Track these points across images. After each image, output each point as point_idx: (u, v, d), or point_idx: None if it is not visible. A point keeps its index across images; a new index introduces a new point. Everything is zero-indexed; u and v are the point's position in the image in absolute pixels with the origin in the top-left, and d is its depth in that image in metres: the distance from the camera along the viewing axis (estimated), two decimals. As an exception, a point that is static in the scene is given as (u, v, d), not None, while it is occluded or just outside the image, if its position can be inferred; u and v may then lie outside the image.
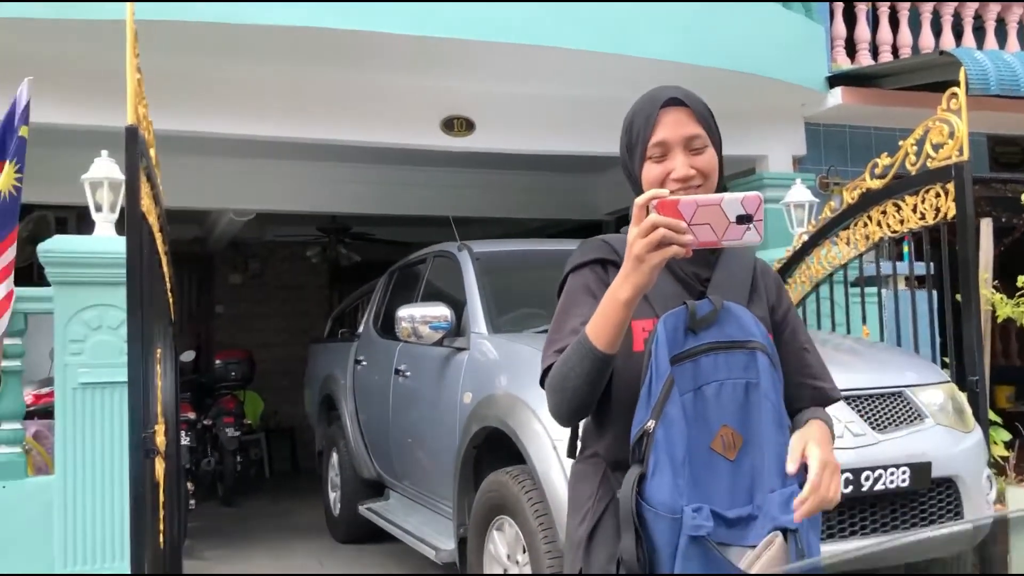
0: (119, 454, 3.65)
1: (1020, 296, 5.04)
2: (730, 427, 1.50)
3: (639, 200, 1.39)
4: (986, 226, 5.56)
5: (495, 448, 3.66)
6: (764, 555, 1.43)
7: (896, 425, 3.26)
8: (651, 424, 1.46)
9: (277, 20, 4.26)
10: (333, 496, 6.13)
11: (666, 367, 1.48)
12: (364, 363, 5.65)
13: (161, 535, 3.15)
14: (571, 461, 1.74)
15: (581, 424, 1.69)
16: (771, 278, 1.73)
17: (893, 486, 3.08)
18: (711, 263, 1.61)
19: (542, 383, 1.61)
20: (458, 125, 5.41)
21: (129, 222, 2.57)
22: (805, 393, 1.67)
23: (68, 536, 3.65)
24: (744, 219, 1.37)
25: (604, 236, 1.70)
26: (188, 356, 8.02)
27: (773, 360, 1.56)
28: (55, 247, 3.61)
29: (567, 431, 3.15)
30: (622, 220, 8.84)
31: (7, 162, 3.48)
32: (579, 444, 1.75)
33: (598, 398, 1.53)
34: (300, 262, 10.77)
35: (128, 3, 2.54)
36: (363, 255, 10.13)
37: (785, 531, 1.46)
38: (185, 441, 6.63)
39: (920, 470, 3.15)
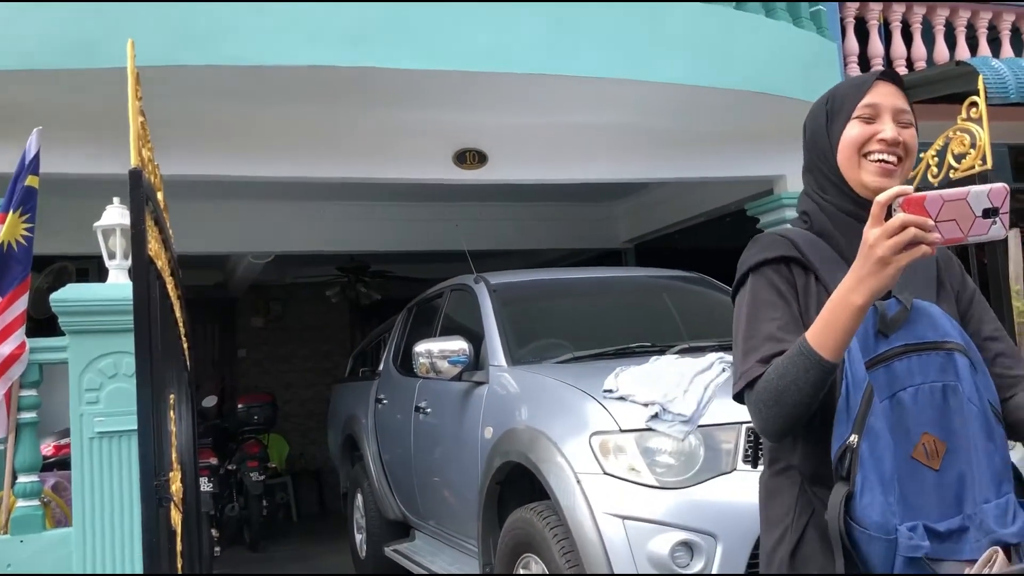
0: (137, 504, 3.59)
1: (1053, 307, 4.89)
2: (931, 434, 1.41)
3: (881, 197, 1.29)
4: (1015, 237, 5.42)
5: (519, 483, 3.57)
6: (984, 572, 1.35)
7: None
8: (854, 439, 1.37)
9: (284, 61, 4.25)
10: (359, 538, 6.04)
11: (863, 375, 1.39)
12: (385, 402, 5.59)
13: (180, 585, 3.08)
14: (596, 483, 1.64)
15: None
16: (954, 266, 1.65)
17: None
18: None
19: (739, 397, 1.51)
20: (470, 158, 5.37)
21: (135, 267, 2.53)
22: (1005, 384, 1.55)
23: (88, 589, 3.58)
24: (990, 212, 1.28)
25: (778, 230, 1.62)
26: (210, 401, 8.00)
27: (974, 361, 1.47)
28: (67, 296, 3.58)
29: (591, 462, 3.09)
30: (641, 247, 8.77)
31: (10, 212, 3.47)
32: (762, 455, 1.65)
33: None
34: (321, 303, 10.77)
35: (128, 43, 2.51)
36: (383, 293, 10.11)
37: (1006, 545, 1.38)
38: (208, 487, 6.57)
39: None
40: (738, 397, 1.52)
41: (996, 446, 1.44)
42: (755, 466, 1.69)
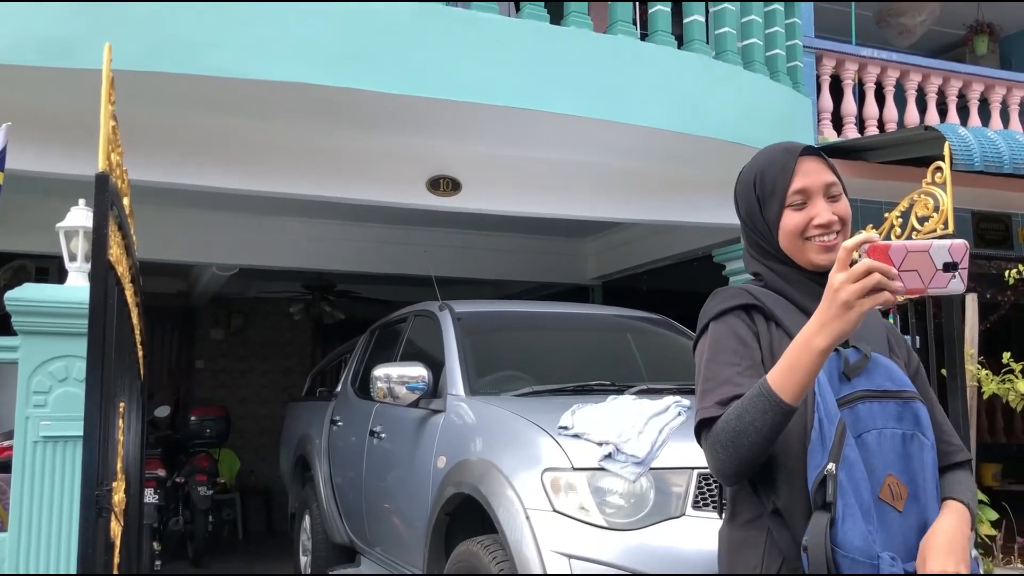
0: (77, 512, 3.50)
1: (1006, 373, 4.98)
2: (895, 476, 1.46)
3: (848, 243, 1.34)
4: (971, 301, 5.51)
5: (469, 515, 3.54)
6: None
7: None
8: (832, 467, 1.40)
9: (264, 75, 4.24)
10: (304, 560, 5.95)
11: (835, 410, 1.44)
12: (340, 423, 5.53)
13: (114, 599, 3.00)
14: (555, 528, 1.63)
15: (728, 488, 1.60)
16: (899, 336, 1.72)
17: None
18: None
19: (698, 437, 1.53)
20: (444, 185, 5.38)
21: (94, 271, 2.49)
22: (941, 452, 1.61)
23: (18, 597, 3.49)
24: (950, 267, 1.34)
25: (740, 285, 1.68)
26: (163, 411, 7.89)
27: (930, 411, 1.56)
28: (22, 295, 3.52)
29: (541, 499, 3.07)
30: (609, 284, 8.82)
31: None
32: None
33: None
34: (283, 319, 10.68)
35: (105, 47, 2.50)
36: (347, 313, 10.05)
37: None
38: (153, 499, 6.45)
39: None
40: (697, 438, 1.55)
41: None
42: (721, 514, 1.69)
